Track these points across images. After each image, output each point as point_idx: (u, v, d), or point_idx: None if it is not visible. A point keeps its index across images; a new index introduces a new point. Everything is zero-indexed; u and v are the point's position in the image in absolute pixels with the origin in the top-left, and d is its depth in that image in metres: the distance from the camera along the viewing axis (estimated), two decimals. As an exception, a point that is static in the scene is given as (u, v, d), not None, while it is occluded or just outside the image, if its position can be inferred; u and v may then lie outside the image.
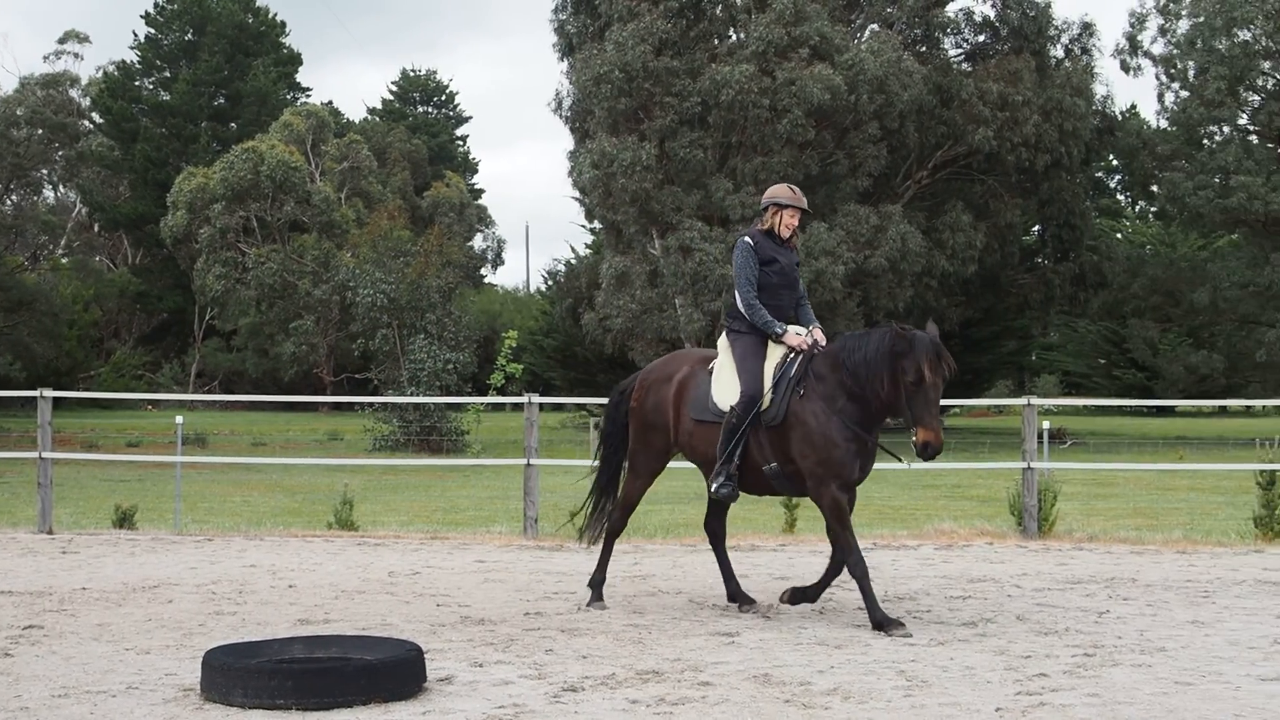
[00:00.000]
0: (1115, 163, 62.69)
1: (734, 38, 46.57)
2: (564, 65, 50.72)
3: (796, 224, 11.67)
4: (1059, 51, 53.13)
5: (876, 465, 11.51)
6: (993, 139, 46.26)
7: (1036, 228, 58.10)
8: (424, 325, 41.64)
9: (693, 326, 42.44)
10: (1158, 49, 52.99)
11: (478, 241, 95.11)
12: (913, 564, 14.89)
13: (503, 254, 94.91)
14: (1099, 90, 53.61)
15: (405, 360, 41.18)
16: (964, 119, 46.52)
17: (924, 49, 50.01)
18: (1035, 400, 18.22)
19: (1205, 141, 52.34)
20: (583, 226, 71.33)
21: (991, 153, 46.98)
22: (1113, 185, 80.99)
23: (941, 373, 10.61)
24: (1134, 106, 68.16)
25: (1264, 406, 63.94)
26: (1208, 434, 53.92)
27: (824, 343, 11.27)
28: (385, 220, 55.05)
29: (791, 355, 11.18)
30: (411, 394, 38.92)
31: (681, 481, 28.51)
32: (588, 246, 69.80)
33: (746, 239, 11.51)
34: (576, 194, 55.50)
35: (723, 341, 11.54)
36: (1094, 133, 51.97)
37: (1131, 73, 53.95)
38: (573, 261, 64.74)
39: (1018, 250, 55.13)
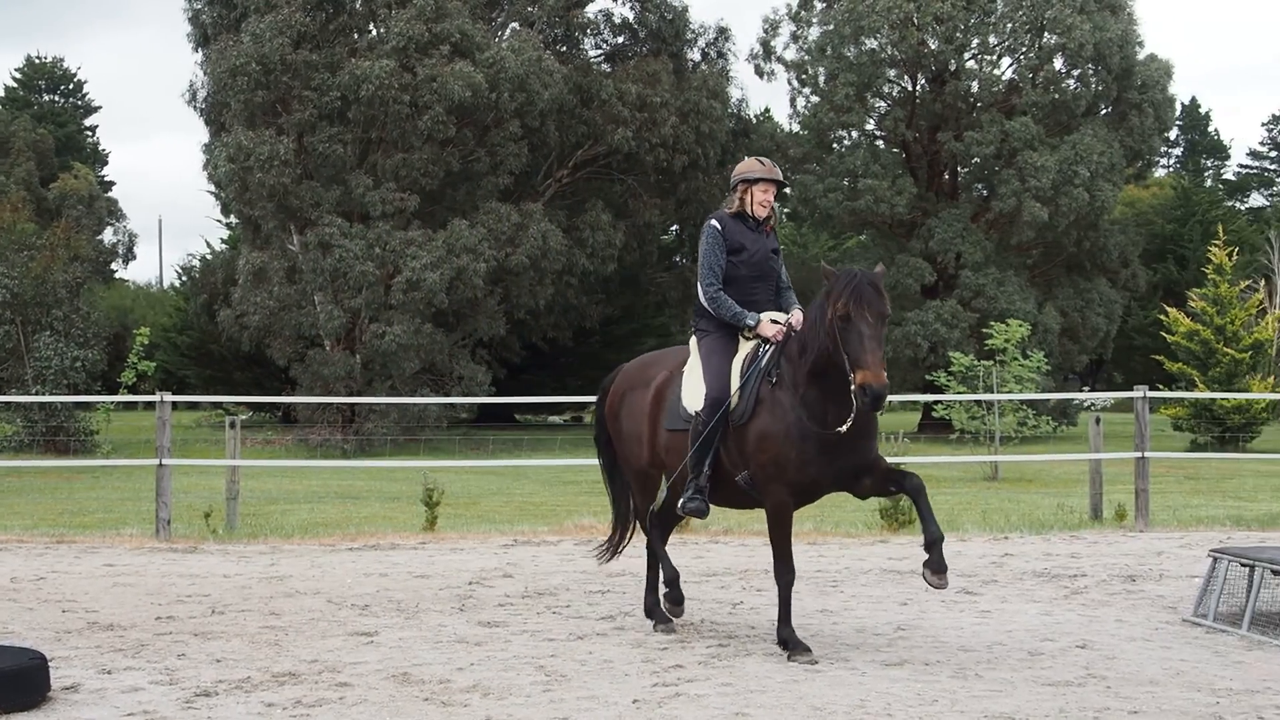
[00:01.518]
0: (749, 164, 64.04)
1: (374, 32, 46.04)
2: (199, 56, 49.47)
3: (772, 200, 10.37)
4: (696, 55, 54.10)
5: (525, 460, 11.40)
6: (632, 139, 46.82)
7: (675, 227, 59.05)
8: (50, 322, 40.01)
9: (333, 324, 41.86)
10: (790, 55, 54.45)
11: (108, 235, 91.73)
12: (553, 559, 14.96)
13: (135, 248, 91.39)
14: (734, 93, 54.83)
15: (30, 358, 39.52)
16: (604, 119, 46.97)
17: (564, 49, 50.31)
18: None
19: (835, 145, 53.99)
20: (219, 221, 69.50)
21: (631, 153, 47.54)
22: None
23: (874, 306, 9.12)
24: (768, 110, 69.97)
25: (891, 402, 66.26)
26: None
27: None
28: (8, 212, 52.63)
29: (764, 347, 9.91)
30: (37, 393, 37.39)
31: (320, 481, 28.12)
32: (224, 241, 68.22)
33: (713, 223, 10.27)
34: (212, 188, 54.24)
35: (692, 343, 10.44)
36: (730, 135, 53.01)
37: (765, 77, 55.31)
38: (208, 257, 63.06)
39: (657, 249, 55.98)
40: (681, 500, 9.95)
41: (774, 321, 9.97)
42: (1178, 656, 9.59)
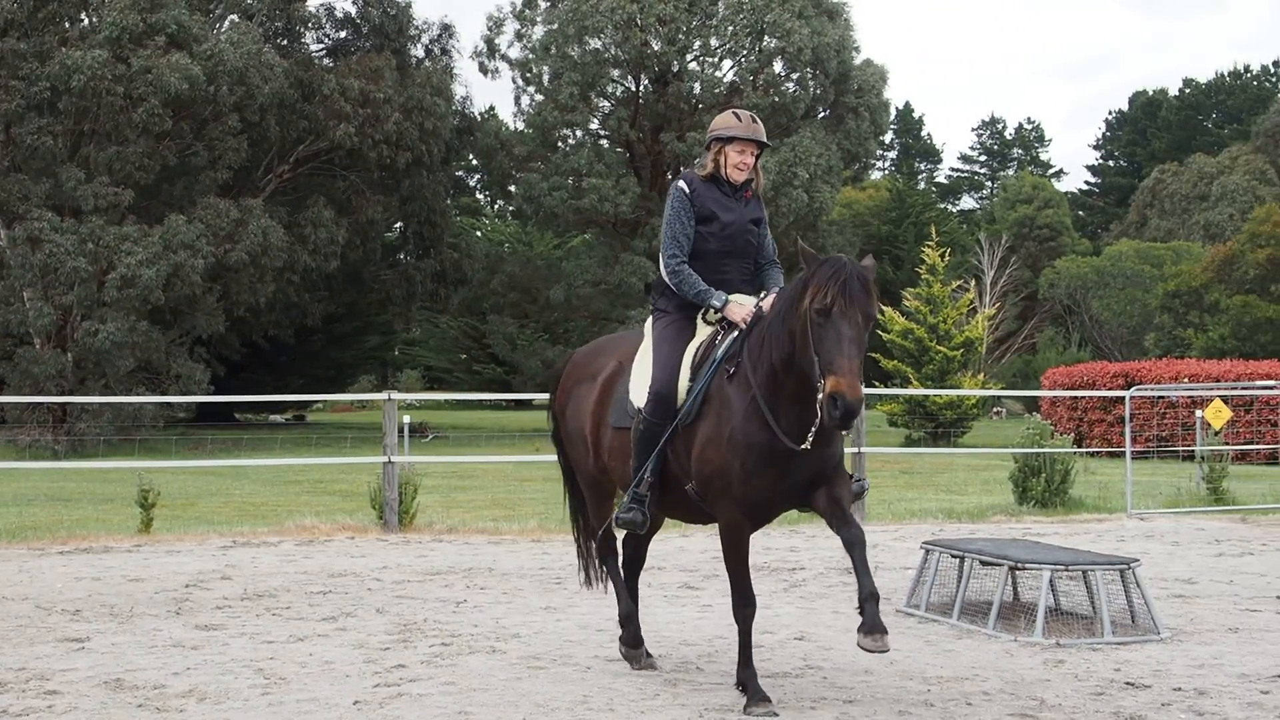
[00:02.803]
0: (475, 162, 64.12)
1: (86, 21, 44.73)
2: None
3: (752, 163, 8.69)
4: (420, 51, 53.90)
5: (245, 460, 11.07)
6: (354, 135, 46.32)
7: (398, 224, 58.66)
8: None
9: (43, 321, 40.48)
10: (515, 53, 54.53)
11: None
12: (274, 560, 14.71)
13: None
14: (459, 91, 54.76)
15: None
16: (326, 114, 46.37)
17: (285, 42, 49.59)
18: (396, 395, 18.39)
19: (560, 144, 54.21)
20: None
21: (353, 149, 47.03)
22: (473, 184, 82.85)
23: (862, 304, 7.48)
24: (493, 108, 69.92)
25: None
26: (562, 426, 55.84)
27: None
28: None
29: (723, 333, 8.40)
30: None
31: (29, 483, 27.19)
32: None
33: (680, 185, 8.74)
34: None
35: (647, 326, 8.96)
36: (454, 132, 52.90)
37: (490, 75, 55.31)
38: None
39: (380, 246, 55.51)
40: (618, 510, 8.61)
41: (739, 304, 8.46)
42: (891, 646, 9.85)
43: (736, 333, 8.22)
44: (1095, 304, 67.81)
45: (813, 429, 7.66)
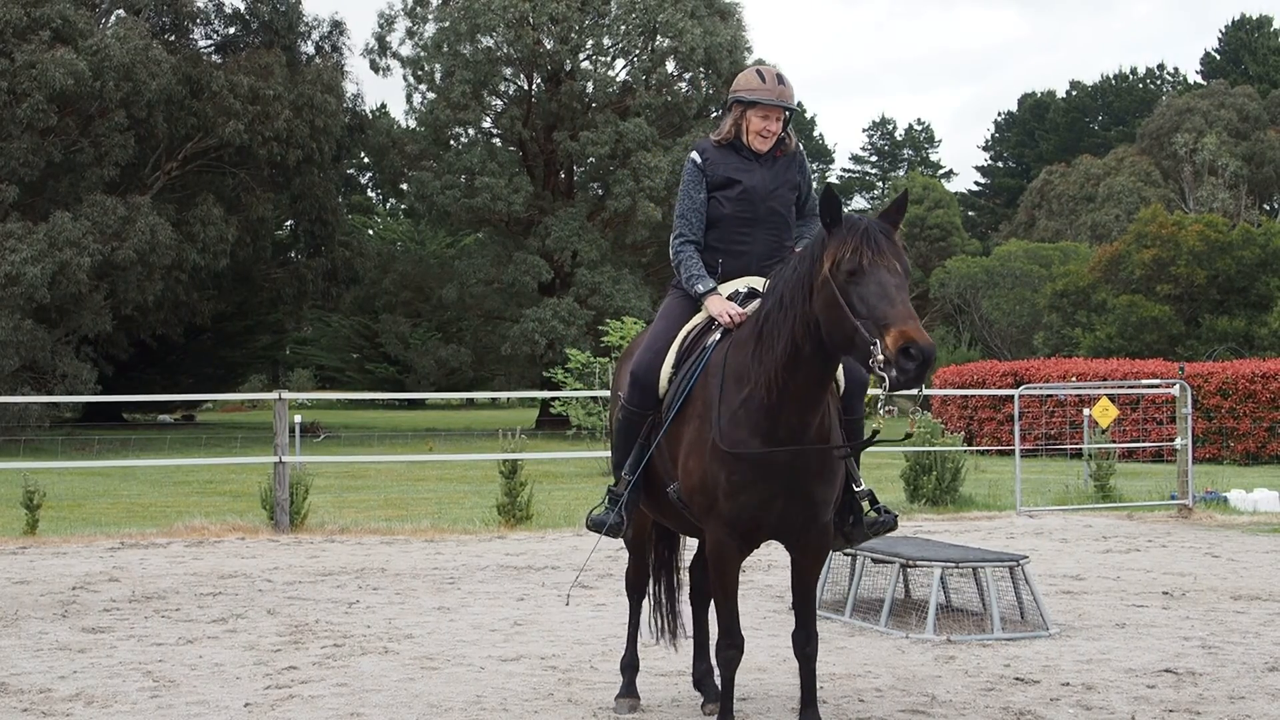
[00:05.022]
0: (366, 160, 63.80)
1: (-33, 15, 44.03)
2: None
3: (778, 131, 7.54)
4: (310, 48, 53.53)
5: (133, 460, 10.88)
6: (244, 132, 45.89)
7: (289, 222, 58.23)
8: None
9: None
10: (406, 51, 54.35)
11: None
12: (162, 562, 14.54)
13: None
14: (350, 88, 54.65)
15: None
16: (215, 111, 45.91)
17: (173, 38, 49.08)
18: (287, 394, 18.22)
19: (452, 143, 54.09)
20: None
21: (243, 146, 46.60)
22: (364, 182, 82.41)
23: (897, 254, 6.26)
24: (384, 106, 69.77)
25: (508, 398, 66.83)
26: (456, 425, 55.82)
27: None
28: None
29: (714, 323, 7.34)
30: None
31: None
32: None
33: (693, 155, 7.66)
34: None
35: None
36: (345, 130, 52.64)
37: (381, 73, 55.14)
38: None
39: (270, 245, 55.11)
40: (591, 510, 7.65)
41: (720, 298, 7.40)
42: (784, 644, 9.87)
43: (722, 332, 7.19)
44: (985, 303, 68.50)
45: (812, 427, 6.74)
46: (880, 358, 6.03)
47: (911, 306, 6.18)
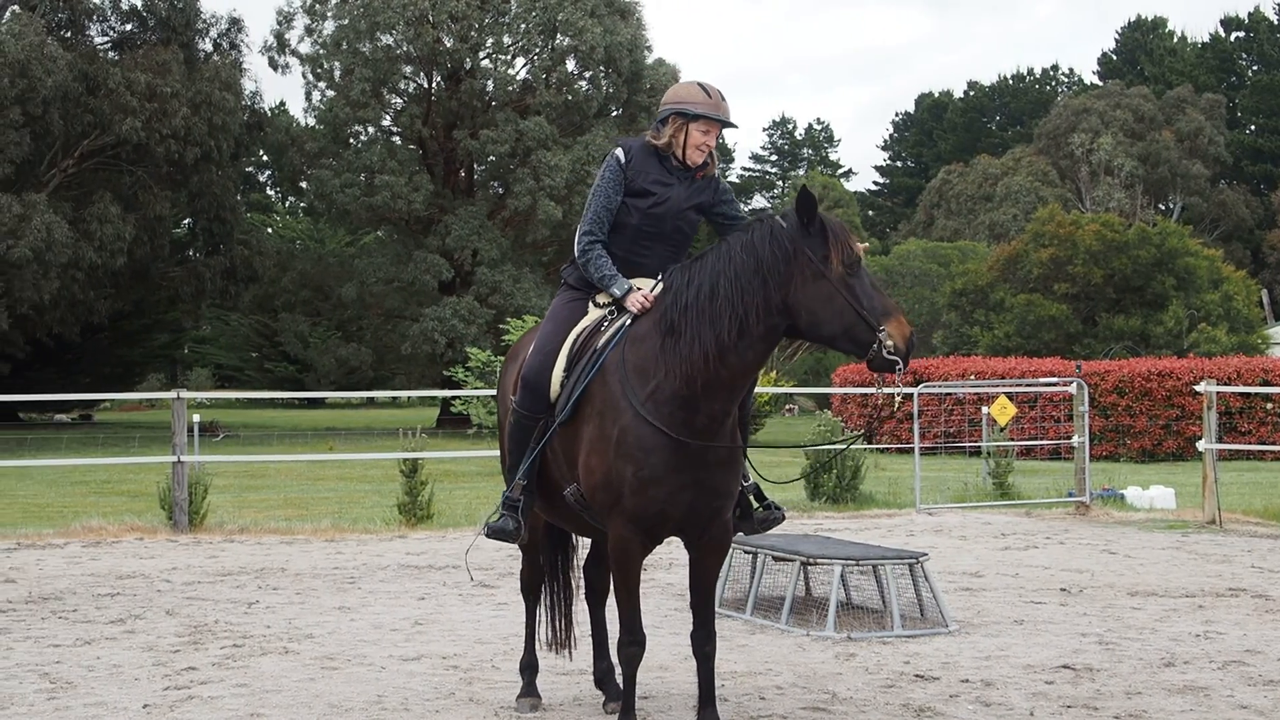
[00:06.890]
0: (265, 158, 63.27)
1: None
2: None
3: (714, 144, 7.67)
4: (208, 45, 53.02)
5: (29, 460, 10.74)
6: (141, 130, 45.39)
7: (187, 220, 57.67)
8: None
9: None
10: (305, 48, 53.92)
11: None
12: (59, 563, 14.38)
13: None
14: (249, 86, 54.05)
15: None
16: (112, 108, 45.37)
17: (69, 35, 48.49)
18: (186, 393, 18.07)
19: (352, 141, 53.79)
20: None
21: (140, 144, 46.09)
22: (263, 180, 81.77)
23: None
24: (283, 103, 69.14)
25: (409, 397, 66.59)
26: (357, 424, 55.59)
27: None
28: None
29: (611, 317, 7.37)
30: None
31: None
32: None
33: (616, 152, 7.64)
34: None
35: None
36: (244, 128, 52.22)
37: (280, 70, 54.64)
38: None
39: (168, 243, 54.48)
40: (486, 516, 7.73)
41: (640, 294, 7.38)
42: (686, 642, 9.90)
43: (628, 319, 7.21)
44: (886, 302, 69.14)
45: (722, 424, 6.93)
46: (889, 345, 6.65)
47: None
